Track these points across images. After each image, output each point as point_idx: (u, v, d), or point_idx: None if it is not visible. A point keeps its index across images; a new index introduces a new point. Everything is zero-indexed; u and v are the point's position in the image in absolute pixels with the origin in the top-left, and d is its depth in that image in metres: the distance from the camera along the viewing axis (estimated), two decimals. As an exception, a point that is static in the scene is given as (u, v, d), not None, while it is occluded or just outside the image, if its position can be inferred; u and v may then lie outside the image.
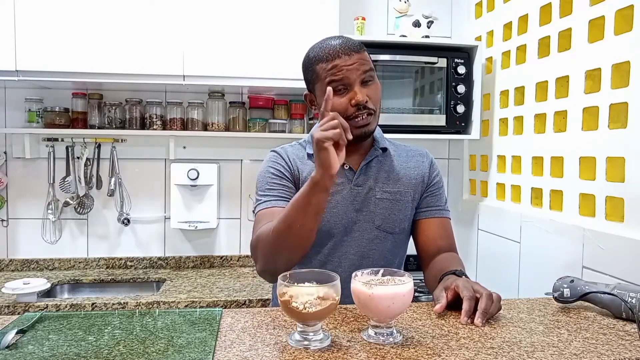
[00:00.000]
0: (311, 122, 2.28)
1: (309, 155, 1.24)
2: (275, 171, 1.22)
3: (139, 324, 0.97)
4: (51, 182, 2.16)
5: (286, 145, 1.30)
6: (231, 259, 2.32)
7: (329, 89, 1.00)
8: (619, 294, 1.03)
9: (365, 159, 1.24)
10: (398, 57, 1.99)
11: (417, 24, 2.06)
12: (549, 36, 1.65)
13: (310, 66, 1.18)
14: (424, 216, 1.29)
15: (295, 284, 0.89)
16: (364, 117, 1.15)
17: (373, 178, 1.24)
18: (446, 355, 0.83)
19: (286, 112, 2.27)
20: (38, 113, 2.10)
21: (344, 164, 1.22)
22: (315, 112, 1.26)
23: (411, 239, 1.36)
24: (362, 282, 0.89)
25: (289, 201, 1.10)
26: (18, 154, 2.13)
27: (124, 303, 1.76)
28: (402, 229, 1.26)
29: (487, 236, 2.07)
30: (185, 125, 2.20)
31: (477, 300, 0.99)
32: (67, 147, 2.16)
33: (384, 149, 1.27)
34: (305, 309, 0.84)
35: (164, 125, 2.18)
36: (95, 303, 1.75)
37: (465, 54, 2.06)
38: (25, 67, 1.84)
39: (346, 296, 0.93)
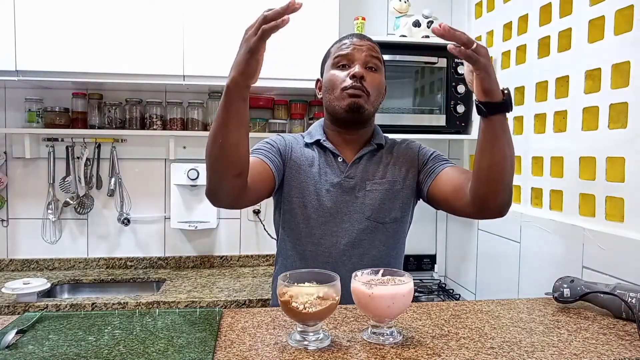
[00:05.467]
0: (311, 121, 2.28)
1: (307, 144, 1.31)
2: (271, 141, 1.28)
3: (139, 324, 0.97)
4: (51, 182, 2.16)
5: (288, 134, 1.37)
6: (231, 259, 2.32)
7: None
8: (619, 294, 1.03)
9: (359, 153, 1.28)
10: (398, 57, 1.99)
11: (417, 24, 2.06)
12: (549, 36, 1.65)
13: (327, 50, 1.30)
14: (433, 177, 1.23)
15: (295, 284, 0.89)
16: (357, 89, 1.20)
17: (365, 171, 1.27)
18: (446, 355, 0.84)
19: (286, 112, 2.28)
20: (38, 113, 2.10)
21: (337, 155, 1.27)
22: (319, 97, 1.32)
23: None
24: (362, 282, 0.89)
25: (269, 159, 1.19)
26: (18, 154, 2.13)
27: (124, 303, 1.76)
28: (393, 218, 1.26)
29: (487, 236, 2.07)
30: (185, 125, 2.20)
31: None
32: (67, 147, 2.16)
33: (380, 145, 1.31)
34: (305, 309, 0.84)
35: (164, 125, 2.18)
36: (95, 303, 1.75)
37: (465, 54, 2.05)
38: (25, 67, 1.84)
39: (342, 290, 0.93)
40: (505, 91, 0.98)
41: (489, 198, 1.06)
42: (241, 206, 1.15)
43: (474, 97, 1.00)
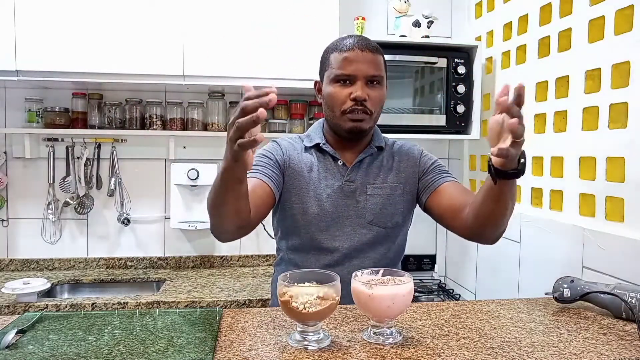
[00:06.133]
0: (311, 121, 2.28)
1: (306, 148, 1.29)
2: (267, 153, 1.25)
3: (139, 324, 0.97)
4: (51, 182, 2.16)
5: (286, 138, 1.34)
6: (231, 259, 2.32)
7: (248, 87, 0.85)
8: (619, 294, 1.03)
9: (359, 156, 1.27)
10: (398, 57, 1.99)
11: (417, 24, 2.06)
12: (549, 36, 1.65)
13: (325, 54, 1.25)
14: (432, 189, 1.24)
15: (295, 284, 0.89)
16: (359, 112, 1.18)
17: (365, 175, 1.26)
18: (446, 355, 0.83)
19: (286, 112, 2.27)
20: (38, 113, 2.10)
21: (337, 159, 1.26)
22: (319, 100, 1.30)
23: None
24: (362, 282, 0.89)
25: (267, 176, 1.18)
26: (18, 154, 2.13)
27: (124, 303, 1.76)
28: (394, 223, 1.26)
29: (487, 236, 2.07)
30: (185, 125, 2.20)
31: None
32: (67, 147, 2.16)
33: (380, 148, 1.30)
34: (305, 309, 0.84)
35: (164, 125, 2.18)
36: (95, 303, 1.75)
37: (465, 54, 2.06)
38: (25, 67, 1.84)
39: (344, 293, 0.93)
40: (522, 159, 0.96)
41: (485, 234, 1.14)
42: (246, 235, 1.16)
43: (490, 156, 0.96)
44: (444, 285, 2.30)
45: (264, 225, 2.28)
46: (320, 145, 1.27)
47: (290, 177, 1.25)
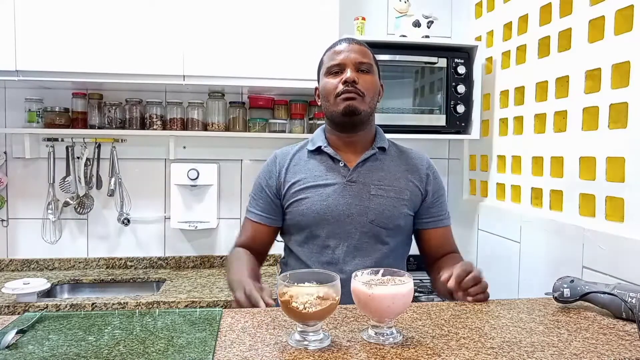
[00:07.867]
0: (311, 122, 2.28)
1: (309, 152, 1.32)
2: (264, 182, 1.34)
3: (139, 324, 0.97)
4: (51, 182, 2.16)
5: (290, 146, 1.38)
6: (231, 259, 2.31)
7: None
8: (619, 294, 1.03)
9: (362, 157, 1.28)
10: (398, 57, 1.99)
11: (417, 24, 2.06)
12: (549, 36, 1.65)
13: (321, 58, 1.32)
14: (427, 227, 1.34)
15: (295, 284, 0.89)
16: (350, 92, 1.21)
17: (368, 175, 1.28)
18: (446, 355, 0.83)
19: (286, 112, 2.27)
20: (38, 113, 2.10)
21: (339, 161, 1.28)
22: (319, 102, 1.34)
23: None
24: (362, 282, 0.89)
25: (266, 217, 1.31)
26: (18, 154, 2.13)
27: (124, 303, 1.76)
28: (396, 225, 1.27)
29: (487, 236, 2.07)
30: (185, 125, 2.20)
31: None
32: (67, 147, 2.16)
33: (382, 149, 1.31)
34: (305, 309, 0.84)
35: (164, 125, 2.18)
36: (95, 303, 1.75)
37: (465, 54, 2.06)
38: (25, 67, 1.84)
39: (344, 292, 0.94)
40: None
41: None
42: None
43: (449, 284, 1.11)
44: (444, 285, 2.30)
45: (264, 225, 2.28)
46: (322, 147, 1.30)
47: (289, 182, 1.29)
